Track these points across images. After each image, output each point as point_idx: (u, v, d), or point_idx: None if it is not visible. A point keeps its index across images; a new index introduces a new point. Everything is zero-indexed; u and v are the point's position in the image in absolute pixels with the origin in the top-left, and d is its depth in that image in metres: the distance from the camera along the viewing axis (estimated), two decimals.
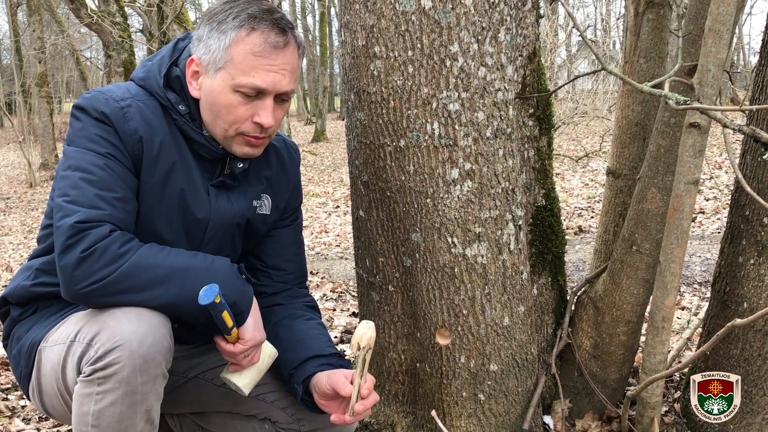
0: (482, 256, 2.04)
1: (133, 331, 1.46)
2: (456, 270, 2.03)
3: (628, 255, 2.27)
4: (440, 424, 1.78)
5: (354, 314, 4.50)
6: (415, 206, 2.01)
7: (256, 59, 1.60)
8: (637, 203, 2.24)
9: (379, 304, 2.21)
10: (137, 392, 1.48)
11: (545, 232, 2.34)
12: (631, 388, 2.45)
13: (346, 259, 7.24)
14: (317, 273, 6.24)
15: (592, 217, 8.32)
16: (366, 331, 1.58)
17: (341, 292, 5.31)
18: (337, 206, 11.70)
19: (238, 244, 1.88)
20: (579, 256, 6.14)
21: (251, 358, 1.70)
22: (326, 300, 5.03)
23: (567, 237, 2.43)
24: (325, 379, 1.69)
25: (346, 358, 1.75)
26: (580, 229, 7.67)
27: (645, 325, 2.56)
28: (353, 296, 5.15)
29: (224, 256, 1.82)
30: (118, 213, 1.56)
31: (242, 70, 1.61)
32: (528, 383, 2.24)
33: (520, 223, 2.11)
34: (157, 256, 1.54)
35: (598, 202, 9.19)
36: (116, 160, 1.60)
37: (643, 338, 2.56)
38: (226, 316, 1.57)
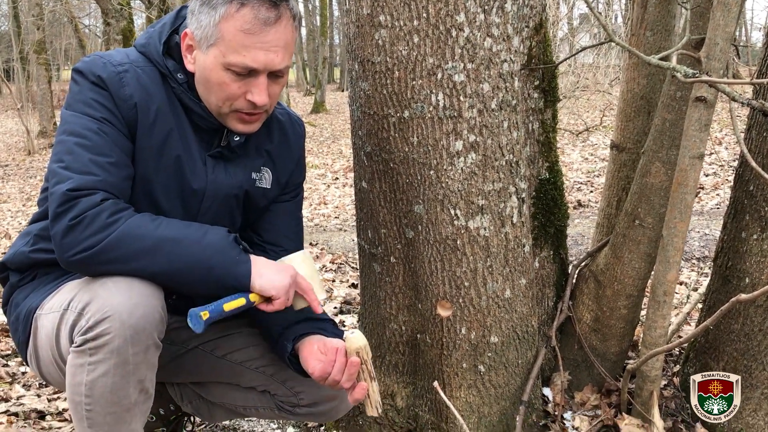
0: (485, 229, 2.03)
1: (123, 303, 1.45)
2: (458, 242, 2.02)
3: (630, 229, 2.26)
4: (442, 395, 1.78)
5: (353, 285, 4.51)
6: (419, 178, 2.00)
7: (246, 37, 1.55)
8: (641, 177, 2.22)
9: (381, 276, 2.20)
10: (129, 363, 1.47)
11: (548, 206, 2.33)
12: (631, 361, 2.46)
13: (345, 230, 7.24)
14: (316, 244, 6.24)
15: (591, 192, 8.32)
16: (365, 342, 1.64)
17: (340, 264, 5.31)
18: (336, 178, 11.68)
19: (237, 216, 1.85)
20: (578, 231, 6.15)
21: (291, 298, 1.63)
22: (326, 271, 5.04)
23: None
24: (322, 344, 1.69)
25: (344, 328, 1.74)
26: (580, 204, 7.67)
27: (646, 299, 2.56)
28: (352, 268, 5.15)
29: (224, 226, 1.81)
30: (111, 178, 1.54)
31: (233, 49, 1.56)
32: (528, 355, 2.24)
33: (524, 196, 2.10)
34: (146, 226, 1.51)
35: (598, 176, 9.18)
36: (111, 124, 1.58)
37: (643, 312, 2.57)
38: (233, 305, 1.54)
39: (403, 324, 2.20)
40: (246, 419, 2.57)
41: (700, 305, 2.79)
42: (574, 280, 2.48)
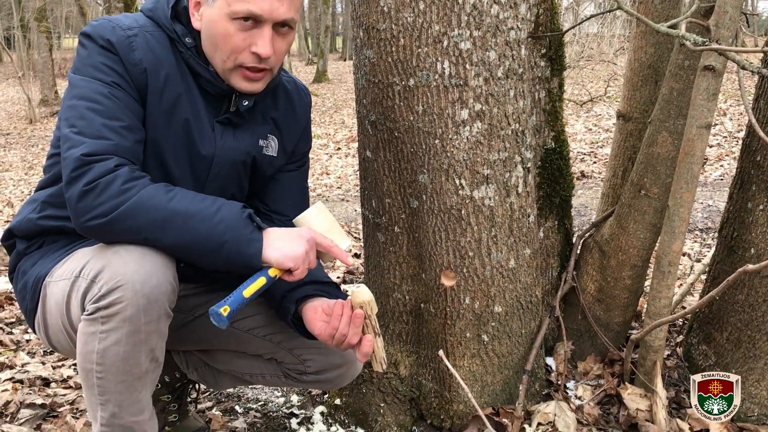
0: (490, 199, 2.02)
1: (136, 271, 1.44)
2: (463, 212, 2.02)
3: (636, 199, 2.25)
4: (447, 363, 1.78)
5: (356, 255, 4.51)
6: (424, 147, 1.98)
7: None
8: (648, 147, 2.21)
9: (385, 245, 2.20)
10: (141, 332, 1.47)
11: (553, 175, 2.32)
12: (634, 331, 2.46)
13: (348, 201, 7.24)
14: None
15: (595, 163, 8.30)
16: (371, 297, 1.61)
17: None
18: (339, 148, 11.65)
19: (245, 182, 1.85)
20: (581, 201, 6.14)
21: (313, 261, 1.62)
22: None
23: None
24: (326, 306, 1.69)
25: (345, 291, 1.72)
26: (583, 174, 7.65)
27: (650, 270, 2.56)
28: (355, 237, 5.15)
29: (231, 195, 1.81)
30: (125, 142, 1.53)
31: None
32: (532, 325, 2.24)
33: (529, 165, 2.09)
34: (160, 198, 1.49)
35: (601, 147, 9.15)
36: (121, 89, 1.57)
37: (647, 283, 2.57)
38: (253, 288, 1.52)
39: (407, 293, 2.21)
40: (251, 387, 2.59)
41: (703, 276, 2.79)
42: (578, 251, 2.48)
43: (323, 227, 1.67)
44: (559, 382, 2.32)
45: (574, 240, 2.51)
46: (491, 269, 2.08)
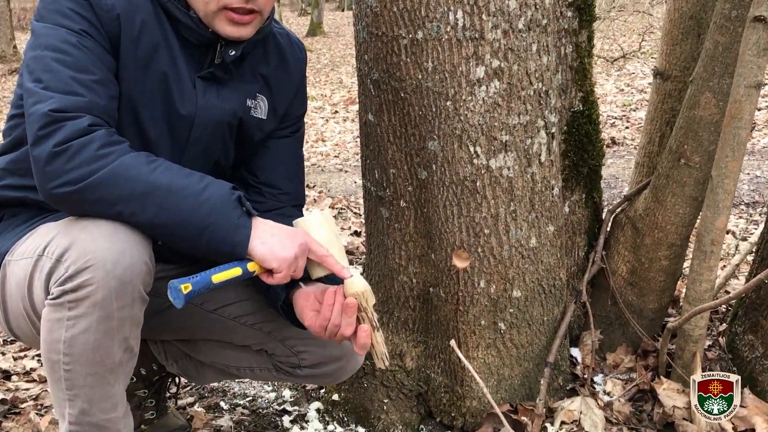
0: (509, 169, 2.02)
1: (107, 249, 1.44)
2: (478, 184, 2.02)
3: (674, 169, 2.25)
4: (459, 354, 1.79)
5: (356, 233, 4.52)
6: (433, 110, 1.98)
7: None
8: (689, 109, 2.20)
9: (389, 222, 2.20)
10: (113, 318, 1.47)
11: (581, 142, 2.31)
12: (671, 319, 2.47)
13: (346, 171, 7.24)
14: (314, 187, 6.25)
15: (627, 128, 8.29)
16: (366, 287, 1.62)
17: (341, 209, 5.32)
18: (336, 111, 11.63)
19: (230, 145, 1.84)
20: (611, 172, 6.13)
21: (300, 269, 1.61)
22: None
23: None
24: (320, 293, 1.68)
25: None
26: (614, 141, 7.64)
27: (689, 250, 2.56)
28: (354, 213, 5.16)
29: (214, 162, 1.80)
30: (98, 99, 1.52)
31: None
32: (555, 312, 2.25)
33: (554, 130, 2.08)
34: (140, 168, 1.48)
35: (635, 110, 9.12)
36: (92, 38, 1.56)
37: (687, 264, 2.57)
38: (224, 276, 1.51)
39: (414, 276, 2.21)
40: (238, 381, 2.60)
41: (750, 257, 2.79)
42: (608, 227, 2.48)
43: (323, 238, 1.66)
44: (586, 376, 2.33)
45: (603, 215, 2.51)
46: (509, 249, 2.08)
